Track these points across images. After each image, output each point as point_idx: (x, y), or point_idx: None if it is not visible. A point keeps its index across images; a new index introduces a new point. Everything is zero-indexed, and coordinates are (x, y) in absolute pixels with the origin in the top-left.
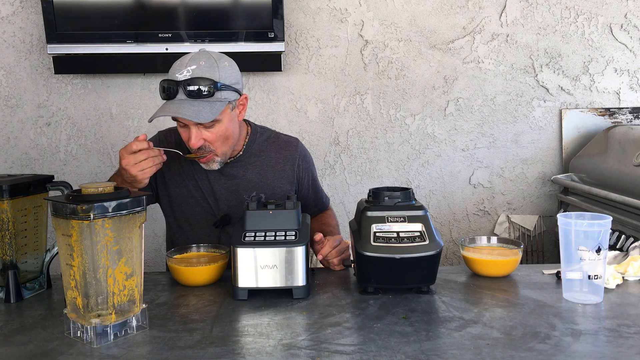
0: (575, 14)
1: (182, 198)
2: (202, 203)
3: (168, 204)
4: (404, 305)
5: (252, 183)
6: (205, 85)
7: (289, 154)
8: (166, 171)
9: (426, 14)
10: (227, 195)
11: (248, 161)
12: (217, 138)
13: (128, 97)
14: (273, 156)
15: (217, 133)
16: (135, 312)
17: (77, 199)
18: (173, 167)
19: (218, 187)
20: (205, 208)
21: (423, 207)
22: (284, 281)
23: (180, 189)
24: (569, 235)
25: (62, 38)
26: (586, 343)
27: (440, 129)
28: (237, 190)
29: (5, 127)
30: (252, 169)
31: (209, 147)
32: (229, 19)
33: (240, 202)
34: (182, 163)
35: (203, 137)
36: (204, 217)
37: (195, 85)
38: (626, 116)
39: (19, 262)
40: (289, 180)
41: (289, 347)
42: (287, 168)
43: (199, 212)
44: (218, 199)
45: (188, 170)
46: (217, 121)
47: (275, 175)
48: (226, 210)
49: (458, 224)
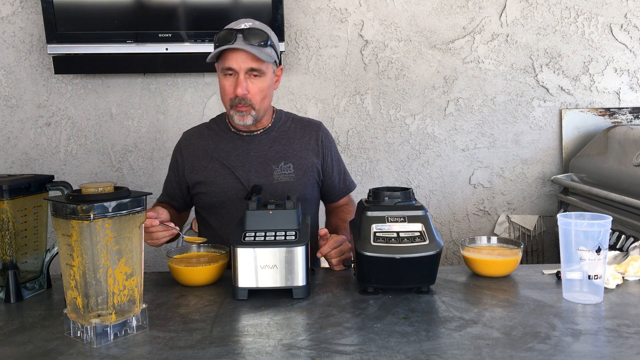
0: (575, 14)
1: (211, 180)
2: (230, 180)
3: (198, 194)
4: (404, 305)
5: (280, 154)
6: (263, 36)
7: (313, 130)
8: (189, 163)
9: (426, 14)
10: (257, 167)
11: (275, 135)
12: (259, 92)
13: (128, 97)
14: (298, 131)
15: (260, 86)
16: (135, 312)
17: (77, 199)
18: (195, 156)
19: (246, 160)
20: (233, 182)
21: (423, 207)
22: (284, 281)
23: (207, 172)
24: (569, 235)
25: (62, 38)
26: (586, 343)
27: (440, 129)
28: (265, 162)
29: (5, 127)
30: (279, 142)
31: (249, 100)
32: (228, 19)
33: (269, 172)
34: (202, 149)
35: (247, 88)
36: (234, 193)
37: (254, 33)
38: (626, 116)
39: (19, 262)
40: (314, 153)
41: (289, 347)
42: (312, 142)
43: (229, 188)
44: (248, 172)
45: (212, 153)
46: (263, 74)
47: (301, 147)
48: (256, 181)
49: (458, 224)
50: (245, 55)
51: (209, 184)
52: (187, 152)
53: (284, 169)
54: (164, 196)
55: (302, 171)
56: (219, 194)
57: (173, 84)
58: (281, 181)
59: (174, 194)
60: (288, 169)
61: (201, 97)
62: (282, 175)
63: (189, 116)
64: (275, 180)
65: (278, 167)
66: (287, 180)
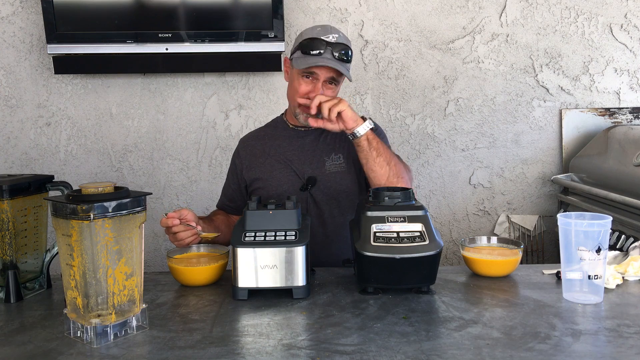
0: (575, 14)
1: (268, 175)
2: (286, 173)
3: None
4: (404, 305)
5: (330, 145)
6: (350, 52)
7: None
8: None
9: (426, 14)
10: (310, 159)
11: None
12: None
13: (128, 97)
14: None
15: (332, 95)
16: (135, 312)
17: (77, 199)
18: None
19: (301, 154)
20: (289, 175)
21: (423, 207)
22: (284, 281)
23: (264, 167)
24: (569, 235)
25: (62, 38)
26: (586, 343)
27: (440, 129)
28: (318, 154)
29: (5, 127)
30: (329, 134)
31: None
32: (228, 19)
33: (321, 164)
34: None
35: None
36: (291, 185)
37: (344, 50)
38: (626, 116)
39: (19, 262)
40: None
41: (289, 347)
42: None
43: (285, 181)
44: (303, 164)
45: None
46: (338, 84)
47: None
48: (310, 173)
49: (458, 224)
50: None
51: (266, 179)
52: (245, 153)
53: (334, 160)
54: (222, 200)
55: (351, 161)
56: (276, 187)
57: (173, 84)
58: (333, 171)
59: (233, 196)
60: (338, 159)
61: (201, 97)
62: (333, 165)
63: (189, 116)
64: (328, 170)
65: (329, 158)
66: (339, 170)
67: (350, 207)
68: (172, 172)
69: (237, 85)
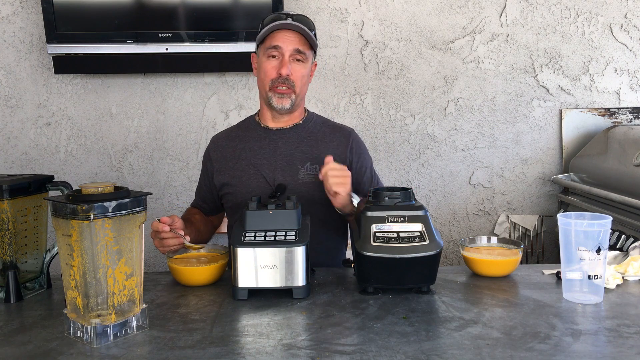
0: (575, 14)
1: (237, 180)
2: (256, 179)
3: (226, 195)
4: (404, 305)
5: (306, 154)
6: (310, 22)
7: (343, 137)
8: (217, 166)
9: (426, 14)
10: (283, 165)
11: (303, 134)
12: (300, 76)
13: (128, 97)
14: (328, 135)
15: (302, 71)
16: (135, 312)
17: (77, 199)
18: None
19: (273, 159)
20: (258, 182)
21: (423, 207)
22: (284, 281)
23: (234, 172)
24: (569, 235)
25: (62, 38)
26: (586, 343)
27: (440, 129)
28: (291, 161)
29: (5, 127)
30: (306, 142)
31: (291, 82)
32: (229, 19)
33: (294, 172)
34: (230, 150)
35: (291, 70)
36: (260, 192)
37: (303, 19)
38: (626, 116)
39: (19, 262)
40: (342, 159)
41: (289, 347)
42: (341, 148)
43: (255, 187)
44: (274, 170)
45: (240, 153)
46: (306, 60)
47: (329, 151)
48: (281, 180)
49: (458, 224)
50: (294, 36)
51: (235, 184)
52: (215, 155)
53: (309, 170)
54: (196, 200)
55: None
56: (244, 193)
57: (173, 84)
58: (306, 181)
59: (206, 197)
60: (314, 170)
61: (201, 97)
62: (307, 175)
63: (189, 116)
64: (301, 180)
65: (303, 167)
66: (313, 180)
67: (324, 220)
68: (172, 172)
69: (237, 85)
